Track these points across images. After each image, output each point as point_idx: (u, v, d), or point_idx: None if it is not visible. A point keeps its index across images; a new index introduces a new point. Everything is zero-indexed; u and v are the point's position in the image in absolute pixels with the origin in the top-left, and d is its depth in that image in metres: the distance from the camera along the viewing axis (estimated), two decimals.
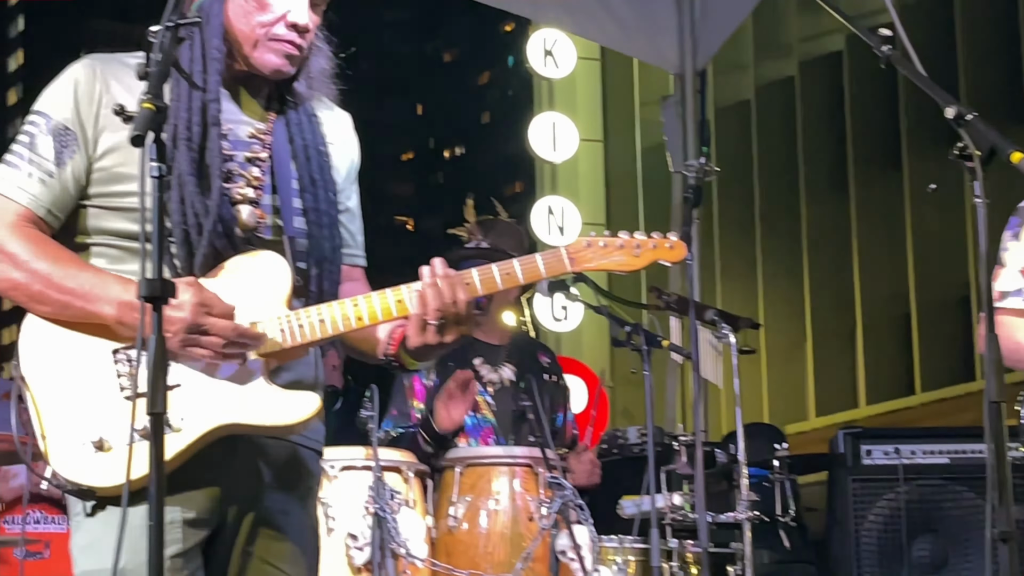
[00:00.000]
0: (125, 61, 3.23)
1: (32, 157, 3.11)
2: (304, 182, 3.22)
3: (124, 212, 3.11)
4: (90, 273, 3.04)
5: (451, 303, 3.04)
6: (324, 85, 3.34)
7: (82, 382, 3.01)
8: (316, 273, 3.20)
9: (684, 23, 8.48)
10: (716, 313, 6.07)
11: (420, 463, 5.57)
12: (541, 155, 13.39)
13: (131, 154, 3.02)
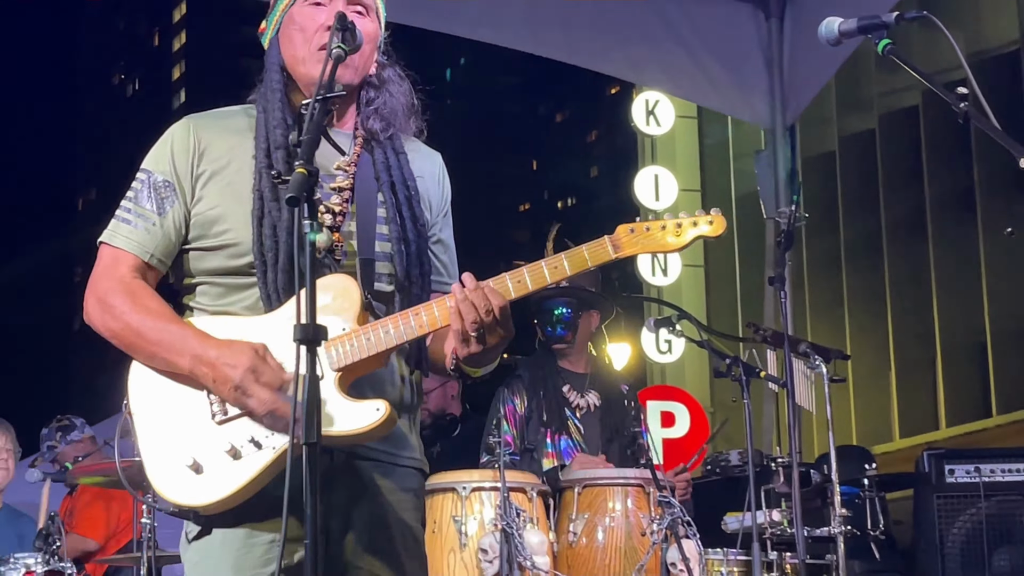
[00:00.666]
0: (223, 112, 3.27)
1: (137, 210, 3.13)
2: (391, 213, 3.17)
3: (221, 250, 3.10)
4: (174, 327, 3.03)
5: (485, 313, 2.95)
6: (403, 122, 3.27)
7: (178, 410, 3.01)
8: (401, 297, 3.14)
9: (774, 83, 8.45)
10: (809, 346, 6.02)
11: (542, 484, 5.57)
12: (645, 204, 13.39)
13: (223, 197, 3.10)
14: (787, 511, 5.85)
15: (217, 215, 3.09)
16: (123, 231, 3.12)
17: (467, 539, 5.31)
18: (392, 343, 2.99)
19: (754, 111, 8.67)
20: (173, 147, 3.15)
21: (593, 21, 8.28)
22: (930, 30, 3.37)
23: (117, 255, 3.11)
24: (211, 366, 2.93)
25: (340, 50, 2.94)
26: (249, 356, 2.91)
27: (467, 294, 2.96)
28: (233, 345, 2.95)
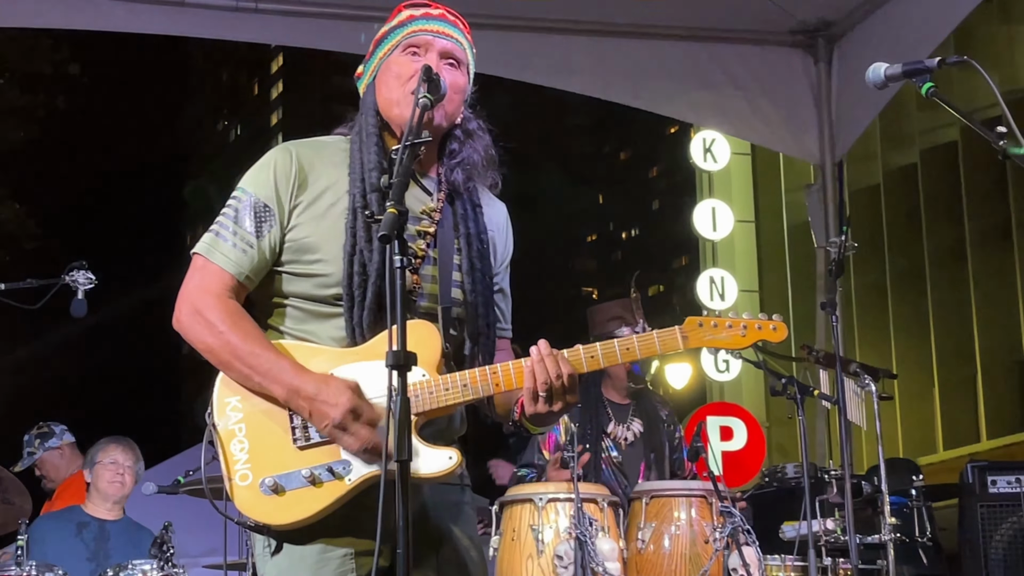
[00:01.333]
0: (320, 143, 3.23)
1: (236, 229, 3.07)
2: (465, 265, 3.14)
3: (311, 278, 3.06)
4: (271, 355, 2.98)
5: (555, 377, 2.95)
6: (482, 174, 3.23)
7: (261, 430, 2.97)
8: (471, 345, 3.13)
9: (823, 122, 8.41)
10: (859, 366, 5.97)
11: (612, 495, 5.55)
12: (703, 234, 13.42)
13: (317, 227, 3.06)
14: (840, 520, 5.80)
15: (310, 244, 3.05)
16: (222, 248, 3.06)
17: (544, 546, 5.29)
18: (468, 397, 2.98)
19: (804, 148, 8.62)
20: (275, 172, 3.11)
21: (656, 69, 8.29)
22: (968, 71, 3.33)
23: (213, 270, 3.06)
24: (309, 401, 2.90)
25: (426, 99, 2.94)
26: (348, 396, 2.88)
27: (543, 357, 2.96)
28: (331, 383, 2.92)
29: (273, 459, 2.93)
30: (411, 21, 3.20)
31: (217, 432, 2.97)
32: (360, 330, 2.99)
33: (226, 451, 2.95)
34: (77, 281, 5.50)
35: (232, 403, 2.99)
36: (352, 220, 3.03)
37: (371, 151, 3.09)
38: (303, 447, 2.93)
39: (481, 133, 3.25)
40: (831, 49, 8.28)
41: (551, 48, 8.11)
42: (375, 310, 2.97)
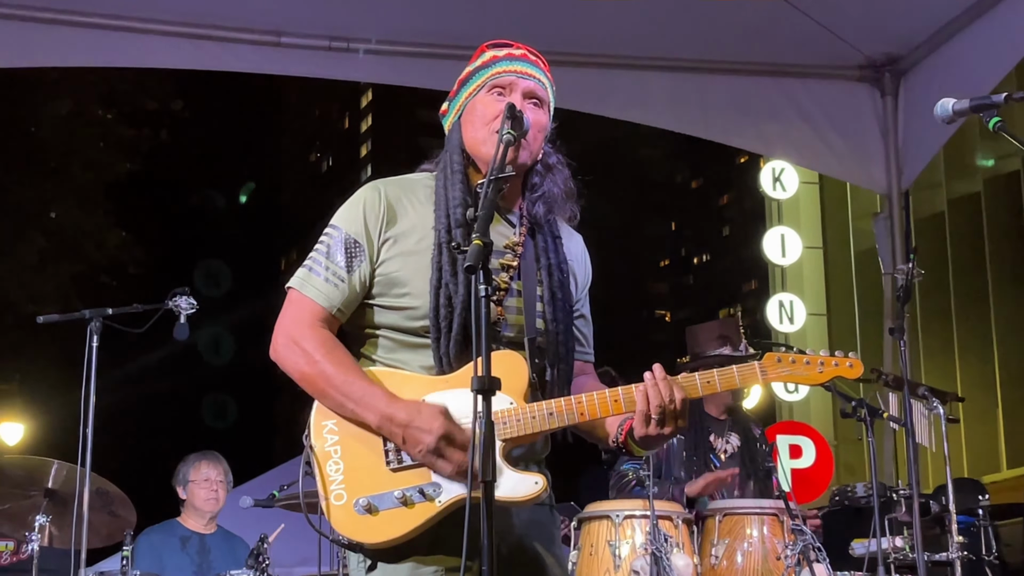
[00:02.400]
0: (407, 180, 3.23)
1: (328, 264, 3.08)
2: (546, 296, 3.13)
3: (399, 311, 3.06)
4: (364, 383, 2.99)
5: (668, 402, 2.94)
6: (562, 207, 3.22)
7: (356, 452, 2.97)
8: (552, 372, 3.11)
9: (889, 153, 8.32)
10: (927, 389, 5.89)
11: (687, 512, 5.50)
12: (773, 260, 13.38)
13: (405, 263, 3.06)
14: (909, 538, 5.72)
15: (399, 278, 3.06)
16: (314, 282, 3.08)
17: (620, 561, 5.26)
18: (554, 425, 2.97)
19: (871, 178, 8.54)
20: (365, 210, 3.12)
21: (728, 102, 8.25)
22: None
23: (306, 303, 3.08)
24: (402, 428, 2.90)
25: (510, 136, 2.95)
26: (441, 422, 2.88)
27: (657, 382, 2.95)
28: (423, 410, 2.91)
29: (367, 480, 2.93)
30: (495, 62, 3.21)
31: (314, 453, 2.98)
32: (447, 359, 2.99)
33: (322, 471, 2.96)
34: (180, 306, 5.56)
35: (328, 426, 3.00)
36: (438, 255, 3.04)
37: (456, 187, 3.10)
38: (395, 469, 2.93)
39: (561, 167, 3.25)
40: (897, 83, 8.20)
41: (627, 83, 8.11)
42: (461, 341, 2.97)
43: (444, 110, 3.33)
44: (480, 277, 2.63)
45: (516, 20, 7.20)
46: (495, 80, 3.18)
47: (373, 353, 3.10)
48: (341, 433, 2.99)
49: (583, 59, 7.78)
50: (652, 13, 7.44)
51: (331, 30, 7.46)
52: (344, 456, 2.97)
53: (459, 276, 2.97)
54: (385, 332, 3.10)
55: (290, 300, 3.12)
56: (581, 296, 3.30)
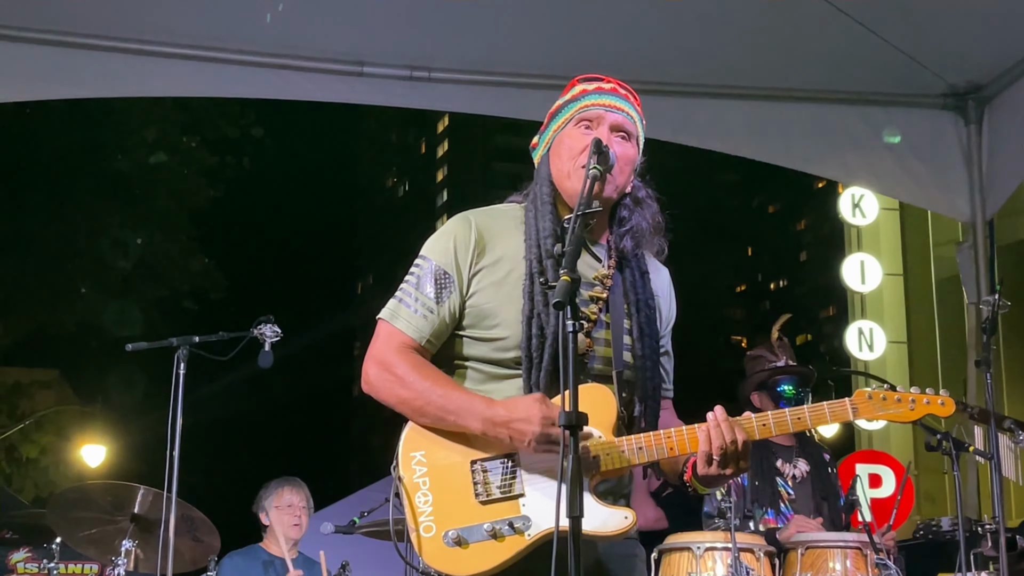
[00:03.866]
0: (496, 211, 3.25)
1: (417, 295, 3.11)
2: (636, 332, 3.13)
3: (490, 342, 3.07)
4: (460, 393, 3.01)
5: (730, 443, 2.94)
6: (650, 242, 3.22)
7: (445, 483, 2.98)
8: (640, 407, 3.11)
9: (973, 181, 8.21)
10: (1013, 422, 5.79)
11: (768, 545, 5.44)
12: (852, 287, 13.29)
13: (496, 294, 3.08)
14: (995, 573, 5.62)
15: (489, 310, 3.08)
16: (404, 314, 3.11)
17: None
18: (643, 460, 2.98)
19: (954, 207, 8.43)
20: (456, 241, 3.14)
21: (809, 130, 8.19)
22: None
23: (396, 334, 3.10)
24: (505, 426, 2.90)
25: (596, 171, 2.96)
26: (538, 408, 2.89)
27: (719, 423, 2.95)
28: (519, 402, 2.92)
29: (456, 512, 2.94)
30: (584, 96, 3.23)
31: (402, 484, 2.99)
32: (537, 390, 2.99)
33: (411, 503, 2.97)
34: (264, 334, 5.61)
35: (417, 457, 3.02)
36: (529, 285, 3.05)
37: (546, 219, 3.11)
38: (484, 502, 2.94)
39: (649, 201, 3.25)
40: (981, 111, 8.10)
41: (706, 111, 8.09)
42: (551, 372, 2.97)
43: (535, 143, 3.34)
44: (568, 312, 2.63)
45: (595, 50, 7.22)
46: (583, 113, 3.19)
47: (463, 384, 3.11)
48: (430, 464, 3.00)
49: (662, 88, 7.76)
50: (732, 42, 7.42)
51: (412, 60, 7.52)
52: (433, 487, 2.98)
53: (551, 307, 2.96)
54: (474, 364, 3.12)
55: (380, 331, 3.14)
56: (666, 332, 3.30)
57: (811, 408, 3.01)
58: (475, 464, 2.99)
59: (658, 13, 7.10)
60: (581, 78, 3.30)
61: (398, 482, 3.00)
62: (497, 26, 7.26)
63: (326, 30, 7.12)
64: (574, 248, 2.75)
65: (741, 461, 2.97)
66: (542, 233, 3.09)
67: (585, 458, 2.91)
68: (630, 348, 3.12)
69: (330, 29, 7.11)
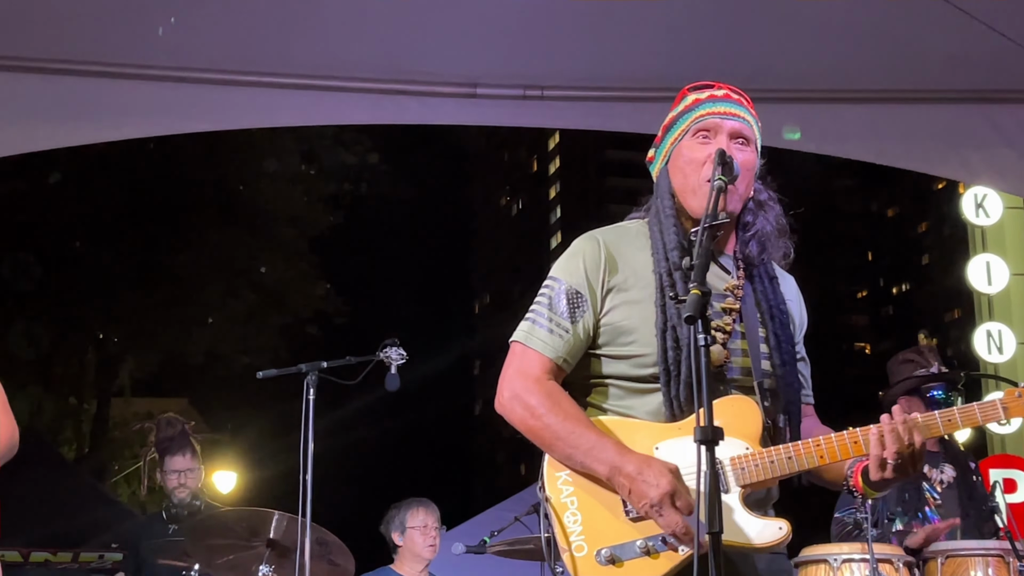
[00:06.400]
0: (622, 229, 3.24)
1: (551, 316, 3.10)
2: (771, 340, 3.10)
3: (627, 359, 3.06)
4: (592, 434, 2.97)
5: (907, 445, 2.88)
6: (775, 245, 3.20)
7: (592, 502, 2.96)
8: (784, 415, 3.07)
9: None
10: None
11: (907, 555, 5.33)
12: (978, 288, 13.00)
13: (630, 311, 3.07)
14: None
15: (625, 327, 3.07)
16: (538, 335, 3.10)
17: None
18: (794, 469, 2.94)
19: None
20: (585, 261, 3.14)
21: (929, 131, 8.04)
22: None
23: (531, 355, 3.09)
24: (630, 479, 2.88)
25: (721, 182, 2.94)
26: (669, 479, 2.85)
27: (896, 425, 2.89)
28: (653, 464, 2.89)
29: (606, 531, 2.93)
30: (697, 105, 3.21)
31: (550, 504, 2.99)
32: (678, 404, 2.98)
33: (560, 523, 2.97)
34: (391, 357, 5.66)
35: (562, 477, 3.01)
36: (661, 298, 3.04)
37: (670, 232, 3.10)
38: (635, 519, 2.93)
39: (772, 204, 3.24)
40: None
41: (824, 116, 7.98)
42: (691, 385, 2.93)
43: (651, 157, 3.33)
44: (700, 327, 2.62)
45: (708, 59, 7.16)
46: (699, 124, 3.17)
47: (601, 402, 3.11)
48: (576, 484, 2.99)
49: (778, 95, 7.69)
50: (848, 45, 7.32)
51: (525, 79, 7.53)
52: (581, 507, 2.97)
53: (683, 320, 2.95)
54: (612, 381, 3.10)
55: (514, 353, 3.14)
56: (799, 337, 3.27)
57: (961, 410, 2.96)
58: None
59: (771, 19, 7.04)
60: (691, 87, 3.28)
61: (545, 503, 3.00)
62: (609, 40, 7.25)
63: (439, 54, 7.17)
64: (703, 261, 2.73)
65: (917, 464, 2.91)
66: (668, 246, 3.08)
67: (734, 470, 2.90)
68: (768, 357, 3.10)
69: (443, 52, 7.16)
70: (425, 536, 6.93)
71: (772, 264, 3.24)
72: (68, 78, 6.74)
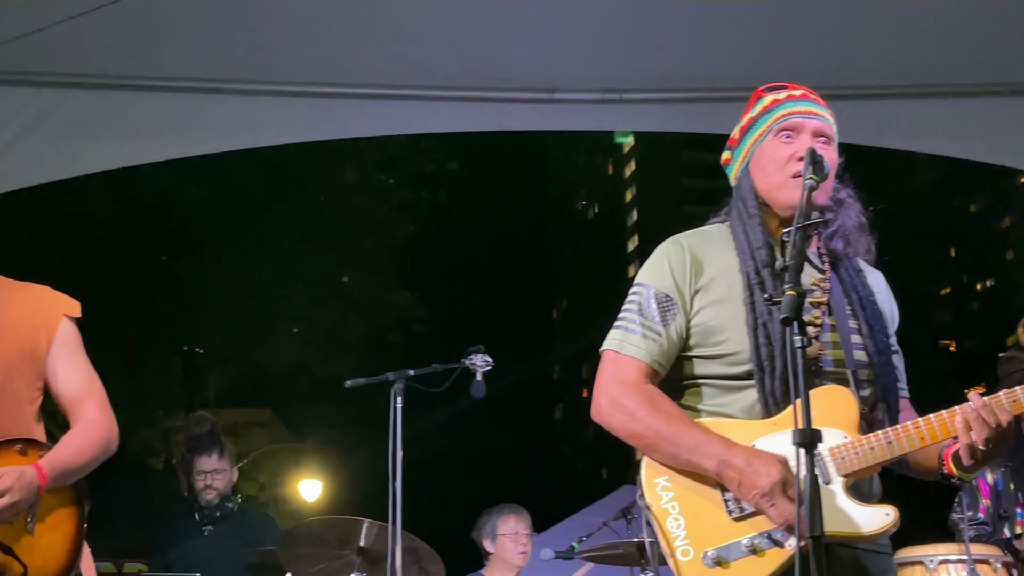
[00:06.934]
0: (704, 232, 3.27)
1: (642, 321, 3.13)
2: (864, 329, 3.10)
3: (720, 359, 3.08)
4: (695, 431, 2.99)
5: (995, 427, 2.86)
6: (859, 242, 3.22)
7: (695, 507, 2.97)
8: (883, 404, 3.07)
9: None
10: None
11: (1006, 555, 5.25)
12: None
13: (719, 310, 3.09)
14: None
15: (715, 327, 3.09)
16: (631, 340, 3.13)
17: None
18: (895, 453, 2.93)
19: None
20: (671, 264, 3.17)
21: (1013, 124, 7.92)
22: None
23: (625, 361, 3.12)
24: (739, 471, 2.89)
25: (812, 180, 2.94)
26: (779, 468, 2.87)
27: (978, 410, 2.87)
28: (760, 455, 2.90)
29: (710, 532, 2.94)
30: (777, 106, 3.24)
31: (651, 511, 3.01)
32: (773, 400, 2.99)
33: (663, 529, 2.98)
34: (476, 364, 5.68)
35: (661, 483, 3.03)
36: (749, 296, 3.06)
37: (755, 231, 3.13)
38: (738, 518, 2.94)
39: (852, 201, 3.27)
40: None
41: (906, 113, 7.89)
42: (785, 379, 2.95)
43: (727, 159, 3.36)
44: (795, 328, 2.61)
45: (788, 59, 7.11)
46: (782, 123, 3.20)
47: (695, 403, 3.13)
48: (675, 488, 3.00)
49: (859, 92, 7.61)
50: (929, 40, 7.23)
51: (604, 82, 7.52)
52: (683, 511, 2.97)
53: (774, 314, 2.96)
54: (705, 381, 3.12)
55: (607, 361, 3.17)
56: (891, 330, 3.26)
57: None
58: None
59: (851, 17, 6.97)
60: (766, 88, 3.32)
61: (647, 511, 3.02)
62: (687, 42, 7.22)
63: (518, 59, 7.18)
64: (797, 262, 2.74)
65: (1008, 442, 2.90)
66: (754, 245, 3.10)
67: (835, 460, 2.90)
68: (861, 347, 3.10)
69: (522, 58, 7.17)
70: (516, 543, 6.94)
71: (856, 259, 3.25)
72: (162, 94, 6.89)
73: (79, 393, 3.93)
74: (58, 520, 3.70)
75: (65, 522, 3.72)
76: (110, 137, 7.01)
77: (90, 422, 3.88)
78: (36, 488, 3.56)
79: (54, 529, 3.67)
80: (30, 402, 3.83)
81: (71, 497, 3.77)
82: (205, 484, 6.90)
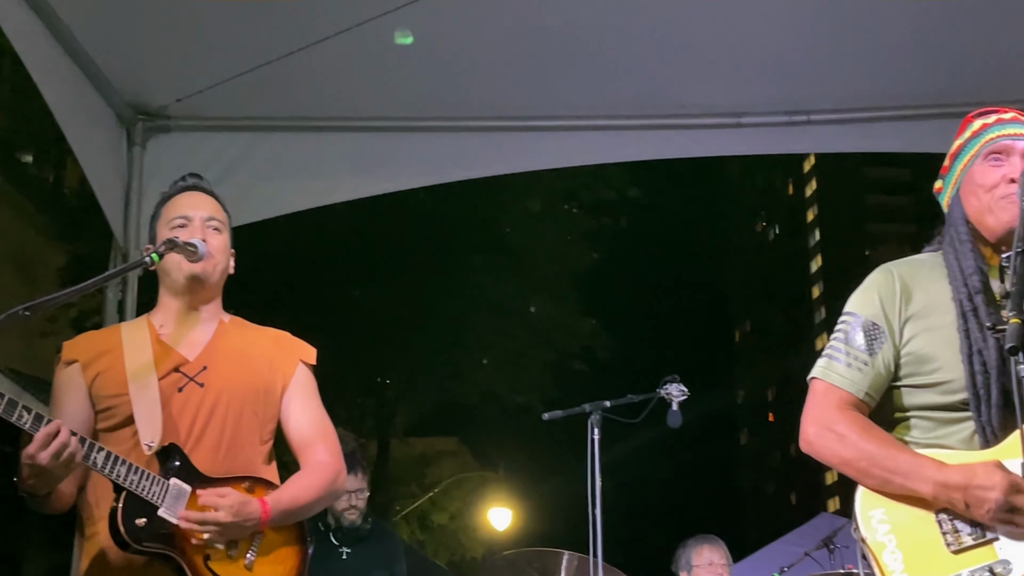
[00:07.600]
0: (915, 260, 3.22)
1: (848, 350, 3.09)
2: None
3: (934, 388, 3.02)
4: (907, 455, 2.94)
5: None
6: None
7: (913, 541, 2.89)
8: None
9: None
10: None
11: None
12: None
13: (931, 338, 3.02)
14: None
15: (927, 355, 3.03)
16: (837, 369, 3.10)
17: None
18: None
19: None
20: (880, 293, 3.14)
21: None
22: None
23: (832, 391, 3.09)
24: (962, 491, 2.82)
25: None
26: (1002, 475, 2.79)
27: None
28: (977, 469, 2.83)
29: (929, 566, 2.87)
30: (985, 130, 3.20)
31: (867, 545, 2.94)
32: (990, 428, 2.92)
33: (879, 562, 2.92)
34: (671, 393, 5.65)
35: (877, 516, 2.96)
36: (963, 323, 2.99)
37: (967, 258, 3.07)
38: (957, 551, 2.86)
39: None
40: None
41: None
42: (1002, 407, 2.88)
43: (939, 187, 3.34)
44: (1021, 357, 2.54)
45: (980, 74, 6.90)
46: (991, 147, 3.16)
47: (907, 436, 3.07)
48: (892, 521, 2.93)
49: None
50: None
51: (790, 104, 7.42)
52: (900, 545, 2.91)
53: (988, 340, 2.91)
54: (918, 412, 3.06)
55: (814, 390, 3.14)
56: None
57: None
58: (940, 514, 2.91)
59: None
60: (975, 113, 3.28)
61: (862, 544, 2.95)
62: (874, 60, 7.07)
63: (705, 85, 7.14)
64: (1020, 287, 2.67)
65: None
66: (966, 271, 3.05)
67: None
68: None
69: (709, 84, 7.13)
70: (711, 574, 6.86)
71: None
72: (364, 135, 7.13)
73: (310, 436, 3.97)
74: (280, 557, 3.72)
75: (287, 560, 3.75)
76: (305, 177, 7.22)
77: (318, 464, 3.91)
78: (256, 520, 3.58)
79: (276, 564, 3.70)
80: (262, 443, 3.88)
81: (296, 536, 3.80)
82: (349, 504, 6.82)
